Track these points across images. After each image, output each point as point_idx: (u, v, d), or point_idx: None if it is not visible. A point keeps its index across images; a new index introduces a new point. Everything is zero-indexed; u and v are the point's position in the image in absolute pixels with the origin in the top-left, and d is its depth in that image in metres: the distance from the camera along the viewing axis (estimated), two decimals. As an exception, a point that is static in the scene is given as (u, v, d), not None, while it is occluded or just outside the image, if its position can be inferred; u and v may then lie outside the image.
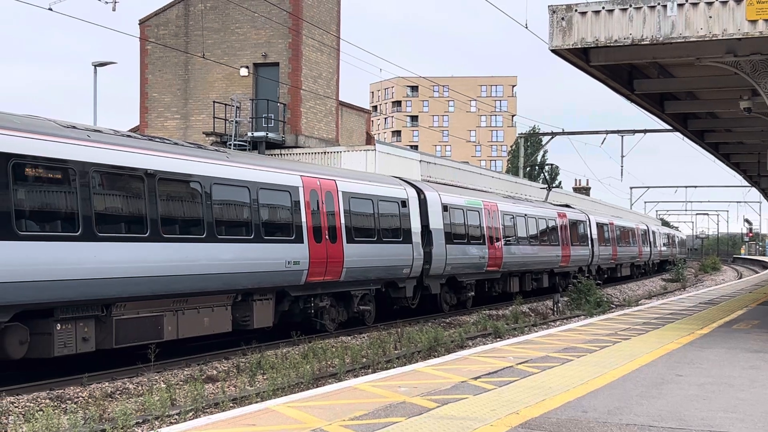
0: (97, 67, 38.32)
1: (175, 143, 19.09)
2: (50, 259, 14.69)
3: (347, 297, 23.73)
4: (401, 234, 25.83)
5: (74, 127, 16.16)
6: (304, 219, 21.36)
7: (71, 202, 15.19)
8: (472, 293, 31.63)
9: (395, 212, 25.68)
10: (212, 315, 18.59)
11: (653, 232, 70.31)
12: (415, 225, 26.73)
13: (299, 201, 21.30)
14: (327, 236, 22.16)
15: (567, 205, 48.83)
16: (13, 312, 14.32)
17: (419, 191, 27.83)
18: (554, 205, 46.06)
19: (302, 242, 21.16)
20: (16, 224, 14.16)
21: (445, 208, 28.98)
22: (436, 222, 28.16)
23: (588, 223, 47.26)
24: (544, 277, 39.36)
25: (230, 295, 19.16)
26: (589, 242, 46.78)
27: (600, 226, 49.77)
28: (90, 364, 16.97)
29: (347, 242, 22.95)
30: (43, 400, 14.04)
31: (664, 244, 76.79)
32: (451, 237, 29.06)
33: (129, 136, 17.91)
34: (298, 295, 21.48)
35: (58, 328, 15.08)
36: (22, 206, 14.32)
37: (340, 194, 23.07)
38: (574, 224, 44.25)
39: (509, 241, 34.37)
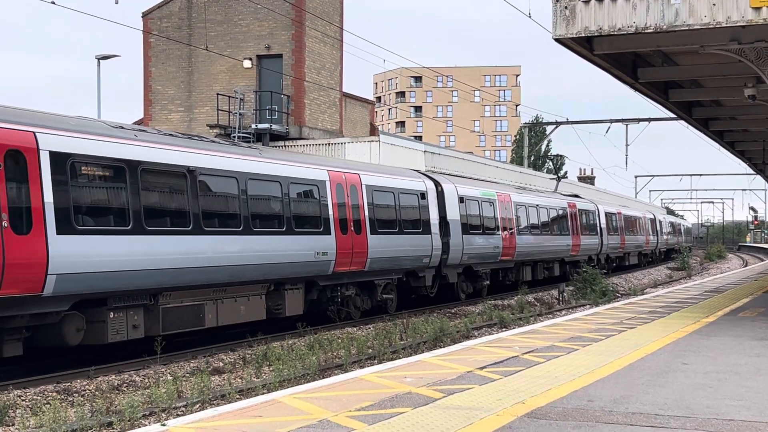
0: (100, 60, 38.31)
1: (212, 141, 20.10)
2: (105, 252, 15.62)
3: (371, 286, 24.63)
4: (421, 225, 26.66)
5: (122, 127, 17.27)
6: (331, 212, 22.30)
7: (122, 199, 16.21)
8: (487, 282, 32.25)
9: (415, 204, 26.56)
10: (248, 304, 19.58)
11: (660, 221, 70.87)
12: (434, 216, 27.54)
13: (326, 194, 22.27)
14: (352, 228, 23.12)
15: (576, 195, 49.34)
16: (72, 301, 15.26)
17: (437, 183, 28.65)
18: (564, 195, 46.59)
19: (330, 234, 22.11)
20: (75, 219, 15.11)
21: (461, 199, 29.76)
22: (453, 213, 28.93)
23: (597, 212, 47.85)
24: (555, 266, 40.01)
25: (264, 284, 20.14)
26: (599, 231, 47.46)
27: (608, 216, 50.39)
28: (96, 357, 17.02)
29: (371, 233, 23.86)
30: (50, 393, 14.08)
31: (670, 233, 77.42)
32: (467, 228, 29.79)
33: (170, 134, 18.86)
34: (326, 284, 22.41)
35: (111, 316, 16.05)
36: (79, 202, 15.28)
37: (363, 187, 24.03)
38: (584, 214, 44.85)
39: (522, 231, 35.08)
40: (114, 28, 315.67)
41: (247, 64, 37.94)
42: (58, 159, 14.96)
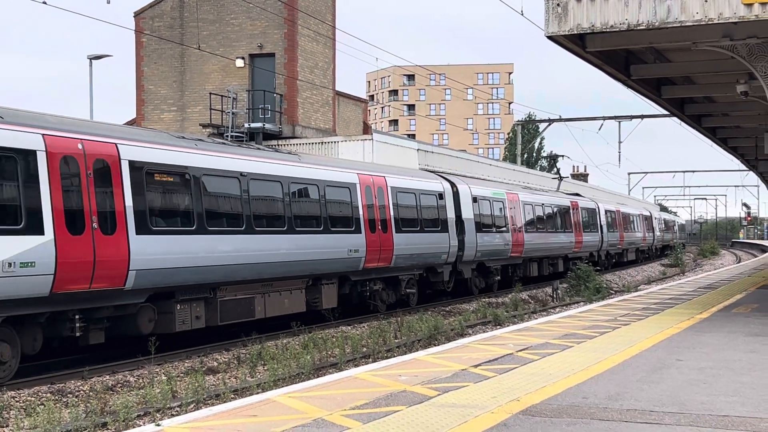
0: (92, 60, 38.23)
1: (258, 148, 22.29)
2: (174, 250, 17.35)
3: (395, 281, 26.33)
4: (439, 224, 28.33)
5: (183, 137, 19.30)
6: (361, 212, 24.05)
7: (188, 202, 17.98)
8: (498, 278, 33.70)
9: (434, 204, 28.27)
10: (290, 297, 21.31)
11: (656, 219, 72.46)
12: (451, 215, 29.20)
13: (357, 196, 24.03)
14: (379, 227, 24.83)
15: (577, 194, 51.10)
16: (148, 294, 17.03)
17: (452, 184, 30.33)
18: (566, 194, 48.28)
19: (360, 233, 23.85)
20: (150, 221, 16.84)
21: (474, 199, 31.38)
22: (467, 212, 30.55)
23: (597, 210, 49.52)
24: (560, 262, 41.50)
25: (304, 279, 21.92)
26: (599, 229, 49.16)
27: (608, 214, 52.01)
28: (90, 358, 17.00)
29: (396, 232, 25.57)
30: (44, 394, 14.05)
31: (665, 230, 78.78)
32: (480, 226, 31.41)
33: (222, 143, 20.88)
34: (357, 279, 24.22)
35: (178, 308, 17.81)
36: (152, 206, 17.02)
37: (389, 189, 25.73)
38: (585, 212, 46.55)
39: (529, 229, 36.69)
40: (106, 28, 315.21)
41: (239, 63, 37.89)
42: (136, 167, 16.70)
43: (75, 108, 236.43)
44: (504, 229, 33.87)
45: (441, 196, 28.84)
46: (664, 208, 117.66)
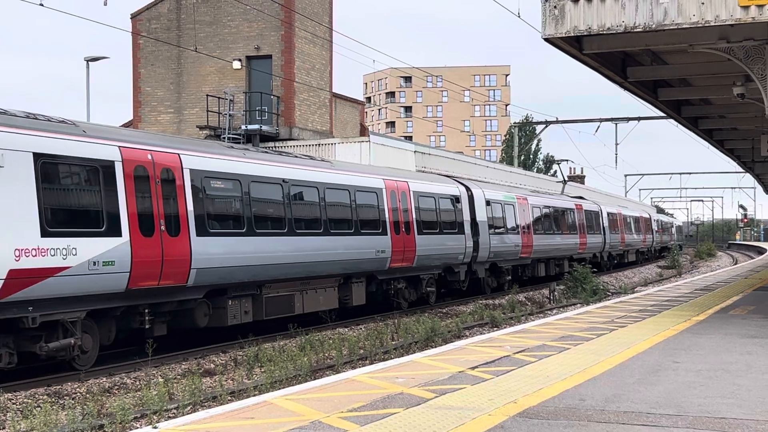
0: (89, 62, 38.21)
1: (296, 156, 23.58)
2: (227, 250, 18.88)
3: (417, 280, 27.93)
4: (456, 226, 29.95)
5: (232, 147, 21.14)
6: (387, 215, 25.59)
7: (239, 206, 19.58)
8: (509, 277, 35.36)
9: (451, 207, 29.91)
10: (325, 294, 22.87)
11: (655, 221, 74.30)
12: (466, 218, 30.84)
13: (383, 200, 25.58)
14: (403, 229, 26.35)
15: (581, 197, 53.09)
16: (205, 291, 18.54)
17: (467, 188, 31.88)
18: (571, 197, 49.93)
19: (386, 234, 25.36)
20: (207, 224, 18.39)
21: (487, 202, 32.95)
22: (481, 215, 32.12)
23: (600, 213, 51.30)
24: (565, 263, 42.97)
25: (337, 278, 23.49)
26: (602, 231, 50.94)
27: (610, 216, 53.83)
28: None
29: (418, 234, 27.12)
30: (41, 396, 14.04)
31: (664, 232, 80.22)
32: (492, 228, 33.04)
33: (264, 151, 22.32)
34: (383, 278, 25.81)
35: (230, 304, 19.33)
36: (209, 210, 18.57)
37: (411, 193, 27.34)
38: (589, 214, 48.35)
39: (537, 230, 38.35)
40: (103, 30, 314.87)
41: (236, 65, 37.89)
42: (195, 175, 18.34)
43: (72, 110, 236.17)
44: (514, 231, 35.40)
45: (458, 199, 30.42)
46: (660, 210, 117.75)
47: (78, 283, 15.29)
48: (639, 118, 61.09)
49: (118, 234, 16.14)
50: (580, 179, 79.80)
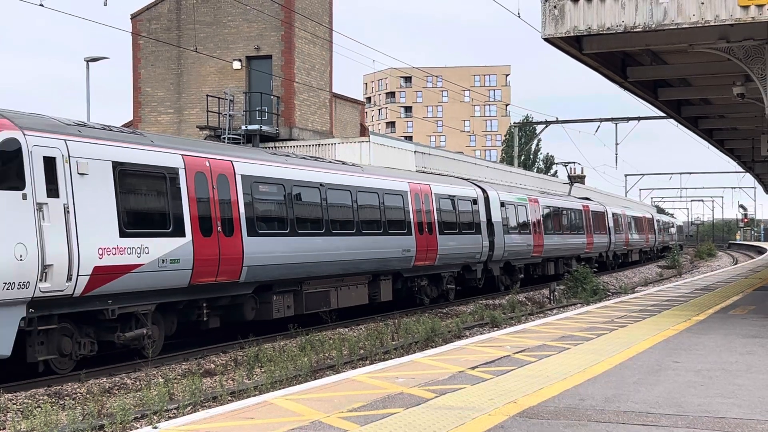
0: (89, 62, 38.19)
1: (330, 161, 25.27)
2: (273, 249, 20.38)
3: (438, 278, 29.56)
4: (473, 226, 31.54)
5: (275, 154, 22.99)
6: (411, 216, 27.09)
7: (283, 209, 21.11)
8: (522, 275, 36.98)
9: (469, 209, 31.50)
10: (356, 291, 24.38)
11: (657, 221, 76.38)
12: (483, 219, 32.38)
13: (408, 202, 27.11)
14: (426, 229, 27.85)
15: (587, 198, 55.05)
16: (254, 287, 20.06)
17: (483, 190, 33.52)
18: (578, 198, 51.78)
19: (411, 234, 26.88)
20: (256, 225, 19.85)
21: (502, 204, 34.61)
22: (496, 216, 33.64)
23: (606, 213, 53.07)
24: (573, 262, 44.39)
25: (367, 275, 24.98)
26: (607, 231, 52.68)
27: (615, 217, 55.63)
28: (87, 361, 16.98)
29: (439, 234, 28.68)
30: (41, 397, 14.04)
31: (665, 231, 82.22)
32: (507, 228, 34.59)
33: (303, 157, 23.87)
34: (408, 276, 27.29)
35: (275, 299, 20.84)
36: (258, 212, 20.08)
37: (433, 195, 28.91)
38: (595, 215, 50.05)
39: (548, 231, 40.02)
40: (103, 30, 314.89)
41: (236, 65, 37.88)
42: (245, 180, 19.86)
43: (72, 110, 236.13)
44: (527, 231, 36.98)
45: (475, 201, 32.08)
46: (660, 210, 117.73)
47: (149, 279, 16.84)
48: (639, 118, 61.08)
49: (183, 234, 17.71)
50: (580, 179, 79.80)
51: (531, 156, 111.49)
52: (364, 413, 8.95)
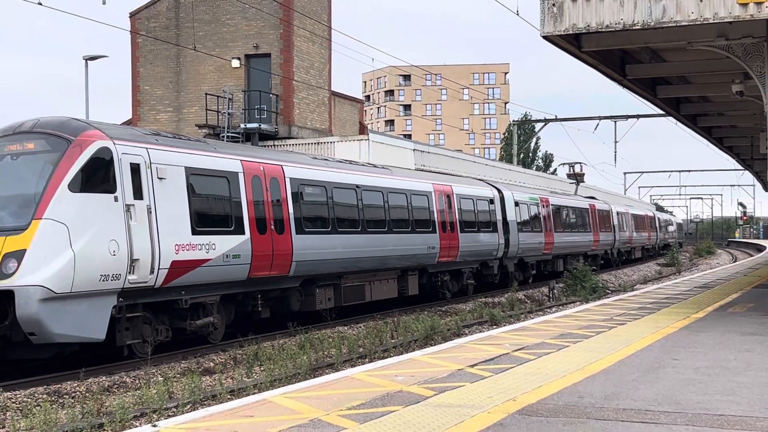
0: (88, 61, 38.16)
1: (364, 165, 27.08)
2: (317, 246, 22.08)
3: (459, 273, 31.27)
4: (491, 225, 33.21)
5: (315, 158, 24.62)
6: (436, 215, 28.73)
7: (325, 209, 22.81)
8: (534, 272, 38.57)
9: (486, 208, 33.13)
10: (388, 285, 26.09)
11: (659, 219, 78.27)
12: (499, 218, 34.05)
13: (433, 202, 28.75)
14: (449, 228, 29.43)
15: (593, 197, 57.14)
16: (301, 280, 21.81)
17: (499, 191, 35.14)
18: (584, 197, 53.36)
19: (435, 233, 28.51)
20: (303, 224, 21.63)
21: (516, 203, 36.15)
22: (511, 215, 35.21)
23: (611, 212, 54.77)
24: (581, 259, 45.77)
25: (396, 271, 26.72)
26: (612, 229, 54.31)
27: (619, 215, 57.32)
28: (86, 359, 16.99)
29: (461, 232, 30.31)
30: (41, 395, 14.04)
31: (667, 229, 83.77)
32: (520, 227, 36.20)
33: (340, 161, 25.60)
34: (432, 271, 28.90)
35: (318, 291, 22.49)
36: (304, 212, 21.82)
37: (455, 196, 30.51)
38: (601, 214, 51.77)
39: (557, 229, 41.52)
40: (101, 29, 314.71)
41: (235, 63, 37.88)
42: (293, 183, 21.61)
43: (71, 108, 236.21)
44: (538, 229, 38.58)
45: (491, 201, 33.70)
46: (660, 208, 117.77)
47: (216, 272, 18.58)
48: (638, 116, 61.11)
49: (243, 232, 19.45)
50: (579, 177, 79.84)
51: (530, 154, 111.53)
52: (364, 411, 8.95)
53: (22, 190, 15.77)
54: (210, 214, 18.75)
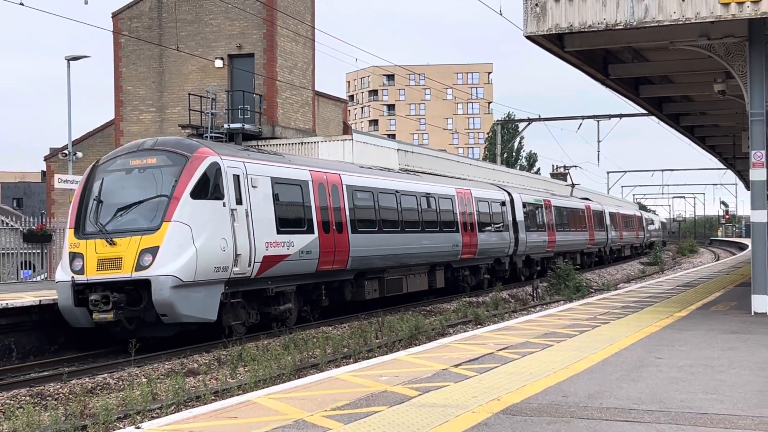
0: (70, 61, 37.92)
1: (399, 171, 31.68)
2: (367, 244, 25.25)
3: (476, 269, 34.48)
4: (503, 225, 36.68)
5: (361, 167, 28.15)
6: (458, 216, 31.96)
7: (373, 211, 26.07)
8: (539, 268, 41.68)
9: (499, 210, 36.58)
10: (420, 278, 29.27)
11: (645, 218, 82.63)
12: (510, 218, 37.46)
13: (455, 204, 32.04)
14: (469, 227, 32.65)
15: (587, 198, 60.42)
16: (354, 274, 25.00)
17: (509, 193, 38.51)
18: (579, 198, 56.81)
19: (458, 232, 31.72)
20: (356, 225, 24.79)
21: (524, 205, 39.47)
22: (519, 216, 38.50)
23: (604, 212, 58.29)
24: (578, 256, 49.78)
25: (427, 266, 29.79)
26: (605, 228, 57.81)
27: (611, 215, 60.88)
28: (69, 360, 16.92)
29: (479, 231, 33.64)
30: (23, 398, 13.96)
31: (653, 228, 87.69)
32: (528, 226, 39.44)
33: (381, 169, 29.30)
34: (456, 266, 32.23)
35: (366, 284, 25.47)
36: (357, 214, 25.00)
37: (473, 199, 33.94)
38: (596, 214, 55.21)
39: (559, 228, 44.77)
40: (84, 29, 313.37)
41: (218, 63, 37.78)
42: (349, 189, 24.86)
43: (53, 108, 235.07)
44: (543, 229, 41.92)
45: (503, 203, 37.10)
46: (643, 207, 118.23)
47: (294, 266, 21.79)
48: (621, 115, 61.35)
49: (312, 232, 22.74)
50: (562, 177, 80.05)
51: (514, 154, 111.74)
52: (348, 412, 8.94)
53: (153, 197, 18.92)
54: (289, 217, 21.88)
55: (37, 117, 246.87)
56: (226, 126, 37.05)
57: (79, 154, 36.33)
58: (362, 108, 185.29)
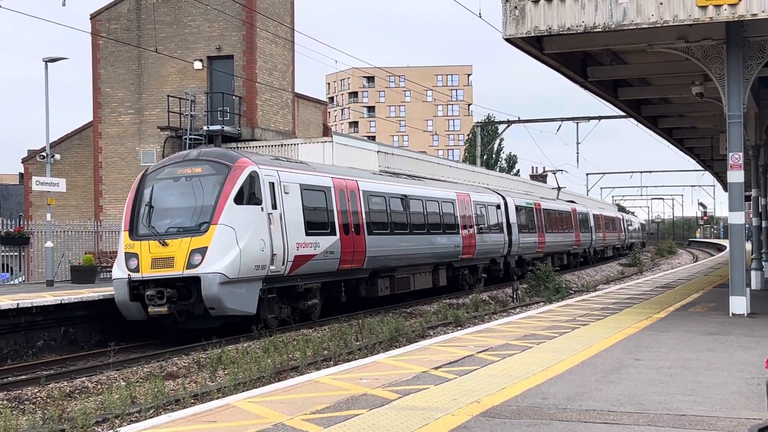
0: (48, 63, 37.68)
1: (405, 177, 34.17)
2: (381, 245, 27.28)
3: (474, 268, 36.65)
4: (498, 228, 39.00)
5: (374, 173, 30.54)
6: (458, 219, 34.17)
7: (384, 214, 28.12)
8: (531, 268, 41.32)
9: (495, 213, 38.96)
10: (425, 277, 31.44)
11: (626, 220, 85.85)
12: (504, 221, 39.78)
13: (456, 207, 34.29)
14: (468, 229, 34.85)
15: (573, 201, 62.53)
16: (369, 272, 27.03)
17: (503, 197, 40.92)
18: (566, 201, 59.15)
19: (458, 234, 33.94)
20: (372, 227, 26.90)
21: (517, 209, 41.87)
22: (513, 218, 40.85)
23: (589, 215, 60.66)
24: (564, 257, 52.25)
25: (431, 266, 31.89)
26: (590, 230, 60.16)
27: (595, 217, 63.49)
28: (46, 364, 16.81)
29: (477, 233, 35.93)
30: (0, 402, 13.86)
31: (633, 229, 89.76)
32: (520, 228, 41.67)
33: (391, 174, 32.42)
34: (456, 266, 34.43)
35: (379, 282, 27.58)
36: (371, 217, 27.02)
37: (472, 203, 36.25)
38: (581, 216, 57.62)
39: (548, 230, 46.98)
40: (62, 30, 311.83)
41: (197, 65, 37.64)
42: (365, 194, 27.06)
43: (31, 110, 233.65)
44: (534, 231, 44.27)
45: (498, 206, 39.49)
46: (621, 209, 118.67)
47: (319, 265, 23.85)
48: (599, 118, 61.56)
49: (334, 234, 24.81)
50: (542, 178, 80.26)
51: (494, 155, 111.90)
52: (328, 415, 8.93)
53: (200, 203, 20.95)
54: (315, 220, 23.83)
55: (15, 119, 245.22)
56: (205, 128, 36.90)
57: (57, 156, 36.07)
58: (342, 110, 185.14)
